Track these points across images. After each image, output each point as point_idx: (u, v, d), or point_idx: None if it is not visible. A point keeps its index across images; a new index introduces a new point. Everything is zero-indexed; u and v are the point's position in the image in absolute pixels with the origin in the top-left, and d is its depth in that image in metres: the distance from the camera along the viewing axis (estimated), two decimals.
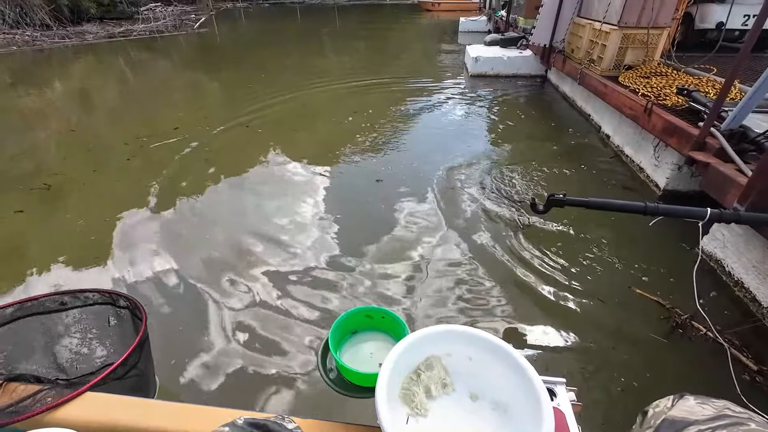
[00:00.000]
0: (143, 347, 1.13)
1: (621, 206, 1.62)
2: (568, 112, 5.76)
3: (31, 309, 1.20)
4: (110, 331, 1.31)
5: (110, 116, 6.05)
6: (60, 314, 1.25)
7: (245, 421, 0.78)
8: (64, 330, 1.26)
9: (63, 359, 1.25)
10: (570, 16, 6.00)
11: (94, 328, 1.30)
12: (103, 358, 1.30)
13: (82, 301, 1.27)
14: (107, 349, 1.31)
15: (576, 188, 3.67)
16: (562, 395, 0.96)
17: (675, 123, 3.12)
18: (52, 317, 1.24)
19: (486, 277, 2.54)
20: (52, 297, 1.22)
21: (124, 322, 1.30)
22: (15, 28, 13.43)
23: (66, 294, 1.23)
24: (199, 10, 23.09)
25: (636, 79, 4.42)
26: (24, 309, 1.19)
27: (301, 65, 9.29)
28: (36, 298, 1.20)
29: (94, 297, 1.27)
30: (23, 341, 1.21)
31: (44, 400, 0.94)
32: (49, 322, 1.23)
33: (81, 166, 4.17)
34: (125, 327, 1.30)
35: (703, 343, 2.06)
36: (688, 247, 2.73)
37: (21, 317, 1.20)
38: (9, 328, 1.17)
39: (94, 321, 1.30)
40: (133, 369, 1.10)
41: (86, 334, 1.29)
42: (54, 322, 1.24)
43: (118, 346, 1.30)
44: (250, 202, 3.48)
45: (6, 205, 3.42)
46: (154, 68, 9.59)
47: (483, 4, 17.91)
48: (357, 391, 0.99)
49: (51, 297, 1.22)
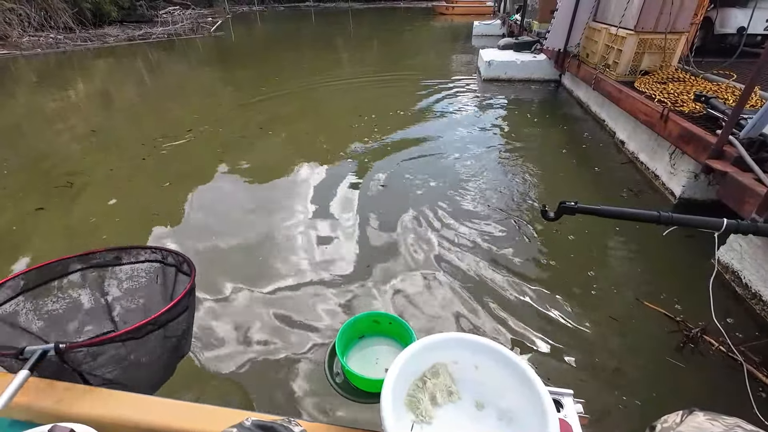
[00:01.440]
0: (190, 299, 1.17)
1: (634, 215, 1.59)
2: (582, 118, 5.69)
3: (91, 261, 1.26)
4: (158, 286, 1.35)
5: (129, 117, 6.20)
6: (114, 268, 1.30)
7: (253, 423, 0.79)
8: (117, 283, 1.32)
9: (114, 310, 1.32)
10: (585, 21, 5.94)
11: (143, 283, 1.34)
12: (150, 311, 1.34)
13: (134, 257, 1.31)
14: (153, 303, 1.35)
15: (588, 195, 3.63)
16: (569, 407, 0.96)
17: (692, 130, 3.06)
18: (107, 270, 1.30)
19: (491, 280, 2.52)
20: (109, 251, 1.27)
21: (170, 279, 1.33)
22: (40, 30, 13.87)
23: (121, 249, 1.28)
24: (215, 13, 23.52)
25: (652, 84, 4.35)
26: (84, 260, 1.25)
27: (315, 69, 9.38)
28: (95, 252, 1.25)
29: (145, 253, 1.31)
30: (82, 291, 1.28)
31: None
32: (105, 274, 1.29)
33: (100, 165, 4.28)
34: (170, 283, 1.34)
35: (716, 358, 2.01)
36: (704, 259, 2.67)
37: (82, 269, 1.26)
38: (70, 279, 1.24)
39: (144, 276, 1.34)
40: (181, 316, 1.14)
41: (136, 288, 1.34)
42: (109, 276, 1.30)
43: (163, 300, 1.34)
44: (261, 202, 3.52)
45: (30, 202, 3.53)
46: (171, 70, 9.80)
47: (497, 7, 17.85)
48: (363, 396, 1.00)
49: (108, 251, 1.27)
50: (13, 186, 3.90)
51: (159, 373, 1.22)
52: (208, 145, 4.84)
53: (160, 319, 1.04)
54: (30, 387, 1.01)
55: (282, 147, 4.77)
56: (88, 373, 1.07)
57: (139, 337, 1.02)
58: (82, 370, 1.05)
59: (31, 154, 4.67)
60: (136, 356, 1.07)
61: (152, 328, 1.03)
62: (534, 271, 2.63)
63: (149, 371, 1.16)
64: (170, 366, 1.24)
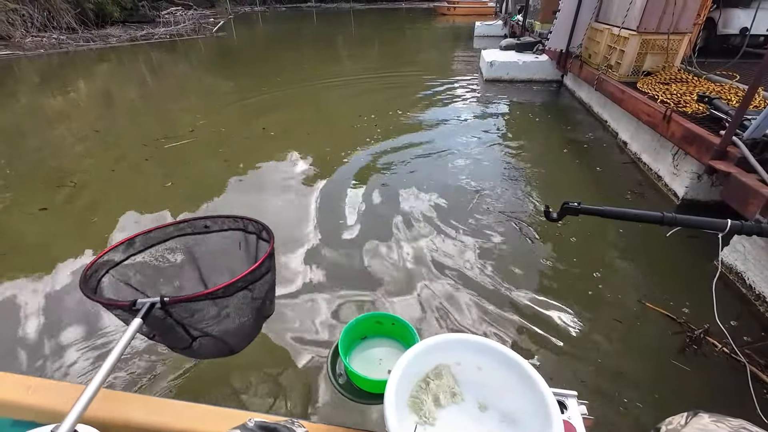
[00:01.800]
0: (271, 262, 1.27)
1: (637, 216, 1.59)
2: (584, 118, 5.68)
3: (185, 229, 1.40)
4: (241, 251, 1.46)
5: (131, 117, 6.22)
6: (203, 236, 1.43)
7: (256, 424, 0.79)
8: (206, 248, 1.45)
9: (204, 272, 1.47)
10: (587, 21, 5.93)
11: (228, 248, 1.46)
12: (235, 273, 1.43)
13: (219, 225, 1.43)
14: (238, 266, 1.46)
15: (591, 196, 3.62)
16: (573, 408, 0.95)
17: (695, 131, 3.05)
18: (197, 238, 1.43)
19: (491, 281, 2.52)
20: (198, 220, 1.41)
21: (252, 244, 1.44)
22: (42, 31, 13.92)
23: (209, 219, 1.41)
24: (217, 14, 23.57)
25: (655, 85, 4.34)
26: (180, 228, 1.39)
27: (316, 69, 9.39)
28: (188, 220, 1.39)
29: (229, 222, 1.43)
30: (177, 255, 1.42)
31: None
32: (196, 241, 1.43)
33: (102, 165, 4.29)
34: (252, 248, 1.45)
35: (720, 359, 2.00)
36: (706, 260, 2.66)
37: (177, 236, 1.40)
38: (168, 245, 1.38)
39: (228, 243, 1.46)
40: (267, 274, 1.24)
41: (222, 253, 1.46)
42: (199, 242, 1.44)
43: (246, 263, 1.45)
44: (261, 201, 3.52)
45: (32, 201, 3.55)
46: (173, 71, 9.82)
47: (499, 8, 17.84)
48: (366, 397, 1.00)
49: (197, 220, 1.41)
50: (16, 186, 3.92)
51: (247, 330, 1.33)
52: (210, 146, 4.85)
53: (246, 278, 1.13)
54: (32, 387, 1.01)
55: (283, 147, 4.78)
56: (190, 326, 1.17)
57: (228, 295, 1.12)
58: (184, 323, 1.15)
59: (34, 155, 4.69)
60: (227, 313, 1.18)
61: (241, 286, 1.13)
62: (536, 273, 2.62)
63: (239, 328, 1.26)
64: (257, 325, 1.34)
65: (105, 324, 2.25)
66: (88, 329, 2.22)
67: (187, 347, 1.28)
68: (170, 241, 1.38)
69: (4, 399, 0.98)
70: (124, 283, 1.28)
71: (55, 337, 2.18)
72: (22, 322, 2.29)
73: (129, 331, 0.97)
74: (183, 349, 1.32)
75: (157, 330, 1.17)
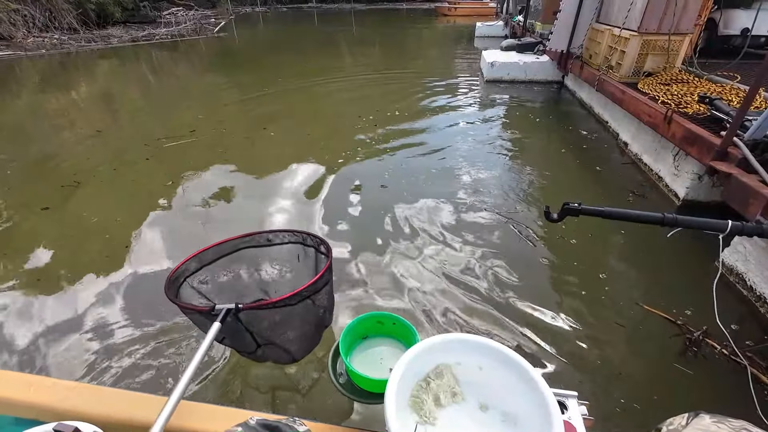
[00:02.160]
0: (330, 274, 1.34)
1: (638, 216, 1.59)
2: (585, 119, 5.68)
3: (250, 242, 1.50)
4: (300, 263, 1.56)
5: (133, 118, 6.23)
6: (265, 249, 1.53)
7: (257, 422, 0.79)
8: (269, 260, 1.56)
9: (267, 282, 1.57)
10: (588, 22, 5.94)
11: (288, 262, 1.57)
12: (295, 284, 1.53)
13: (281, 239, 1.53)
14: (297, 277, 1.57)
15: (592, 197, 3.62)
16: (574, 409, 0.95)
17: (696, 132, 3.05)
18: (261, 250, 1.53)
19: (490, 283, 2.52)
20: (261, 234, 1.51)
21: (311, 257, 1.54)
22: (44, 31, 13.95)
23: (271, 233, 1.51)
24: (219, 14, 23.60)
25: (656, 86, 4.34)
26: (246, 241, 1.50)
27: (317, 70, 9.40)
28: (252, 234, 1.50)
29: (288, 236, 1.53)
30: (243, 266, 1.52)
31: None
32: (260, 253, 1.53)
33: (105, 165, 4.30)
34: (311, 261, 1.54)
35: (720, 361, 2.00)
36: (708, 261, 2.66)
37: (243, 247, 1.50)
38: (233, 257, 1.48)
39: (288, 256, 1.56)
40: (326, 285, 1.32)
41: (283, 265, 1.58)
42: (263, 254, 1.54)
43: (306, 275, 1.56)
44: (261, 201, 3.53)
45: (36, 201, 3.56)
46: (174, 71, 9.83)
47: (500, 9, 17.85)
48: (366, 396, 1.00)
49: (260, 234, 1.51)
50: (19, 186, 3.92)
51: (308, 339, 1.40)
52: (211, 146, 4.86)
53: (309, 288, 1.20)
54: (34, 385, 1.01)
55: (284, 147, 4.78)
56: (257, 333, 1.25)
57: (293, 304, 1.20)
58: (252, 330, 1.23)
59: (37, 154, 4.70)
60: (291, 322, 1.26)
61: (304, 296, 1.21)
62: (535, 274, 2.62)
63: (301, 337, 1.34)
64: (317, 334, 1.41)
65: (89, 322, 2.25)
66: (86, 323, 2.22)
67: (252, 352, 1.38)
68: (237, 253, 1.49)
69: (6, 397, 0.98)
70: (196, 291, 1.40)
71: (56, 334, 2.18)
72: (13, 321, 2.29)
73: (210, 334, 1.05)
74: (249, 354, 1.41)
75: (228, 334, 1.25)
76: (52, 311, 2.36)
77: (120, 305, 2.39)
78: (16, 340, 2.17)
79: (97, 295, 2.48)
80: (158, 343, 2.10)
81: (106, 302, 2.41)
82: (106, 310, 2.36)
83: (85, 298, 2.44)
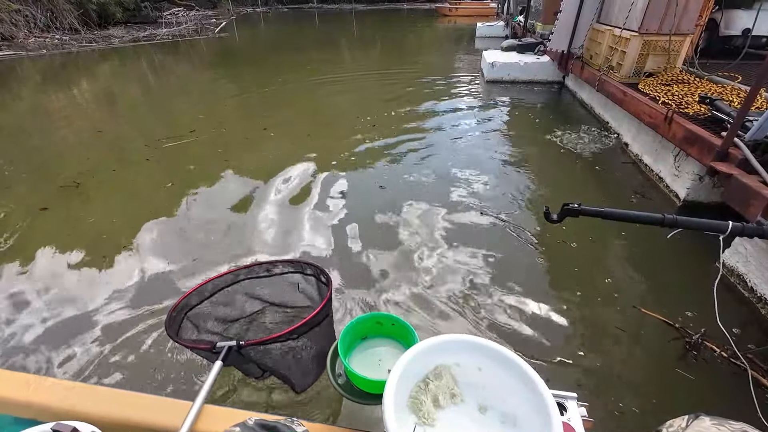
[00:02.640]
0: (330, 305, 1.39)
1: (637, 217, 1.59)
2: (585, 119, 5.68)
3: (249, 274, 1.55)
4: (299, 293, 1.63)
5: (133, 118, 6.23)
6: (266, 279, 1.58)
7: (255, 422, 0.79)
8: (269, 290, 1.62)
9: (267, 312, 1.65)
10: (589, 22, 5.93)
11: (288, 290, 1.62)
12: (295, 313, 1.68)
13: (281, 269, 1.58)
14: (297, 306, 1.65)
15: (592, 197, 3.61)
16: (573, 410, 0.95)
17: (696, 132, 3.05)
18: (261, 280, 1.59)
19: (487, 286, 2.52)
20: (260, 265, 1.56)
21: (310, 286, 1.60)
22: (45, 32, 13.97)
23: (270, 263, 1.56)
24: (220, 14, 23.63)
25: (657, 86, 4.33)
26: (246, 272, 1.54)
27: (318, 70, 9.40)
28: (252, 265, 1.55)
29: (288, 266, 1.58)
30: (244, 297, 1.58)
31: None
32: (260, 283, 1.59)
33: (104, 165, 4.30)
34: (311, 290, 1.61)
35: (720, 363, 1.99)
36: (708, 262, 2.65)
37: (243, 279, 1.55)
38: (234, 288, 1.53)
39: (289, 284, 1.61)
40: (326, 318, 1.38)
41: (283, 294, 1.64)
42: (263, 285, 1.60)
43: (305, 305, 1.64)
44: (259, 202, 3.52)
45: (35, 201, 3.56)
46: (175, 71, 9.84)
47: (500, 9, 17.84)
48: (365, 397, 1.00)
49: (260, 265, 1.56)
50: (18, 186, 3.93)
51: (312, 367, 1.44)
52: (211, 146, 4.86)
53: (309, 323, 1.25)
54: (33, 385, 1.01)
55: (283, 147, 4.78)
56: (261, 362, 1.29)
57: (294, 338, 1.26)
58: (257, 360, 1.28)
59: (37, 154, 4.70)
60: (294, 353, 1.31)
61: (304, 330, 1.26)
62: (534, 278, 2.61)
63: (304, 365, 1.38)
64: (320, 366, 1.44)
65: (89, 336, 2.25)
66: (85, 322, 2.22)
67: (259, 377, 1.44)
68: (236, 285, 1.54)
69: (5, 396, 0.98)
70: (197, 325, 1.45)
71: (56, 332, 2.18)
72: (20, 318, 2.29)
73: (212, 375, 1.09)
74: (256, 378, 1.47)
75: (233, 364, 1.32)
76: (49, 309, 2.36)
77: (115, 305, 2.39)
78: (15, 338, 2.17)
79: (92, 294, 2.48)
80: (154, 341, 2.10)
81: (102, 302, 2.41)
82: (100, 309, 2.35)
83: (83, 298, 2.45)
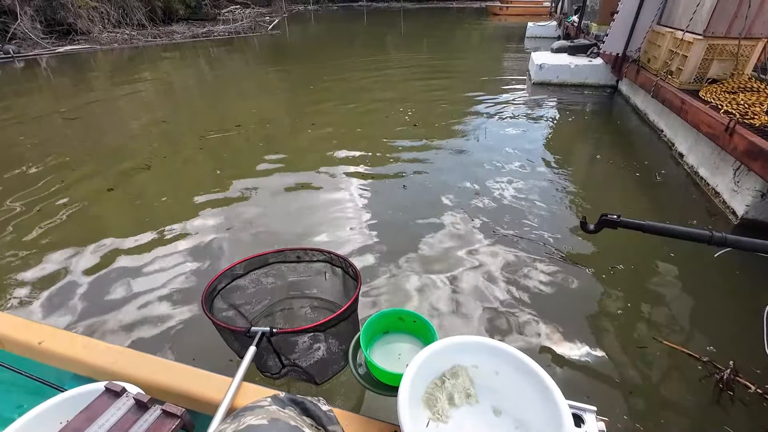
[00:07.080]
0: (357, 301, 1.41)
1: (682, 233, 1.49)
2: (638, 127, 5.37)
3: (279, 257, 1.61)
4: (327, 282, 1.68)
5: (191, 110, 6.67)
6: (295, 264, 1.64)
7: (286, 396, 0.86)
8: (297, 276, 1.67)
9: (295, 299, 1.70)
10: (648, 24, 5.59)
11: (316, 277, 1.67)
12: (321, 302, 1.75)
13: (309, 257, 1.63)
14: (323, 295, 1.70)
15: (635, 209, 3.43)
16: (591, 423, 0.94)
17: (761, 146, 2.81)
18: (289, 266, 1.64)
19: (513, 300, 2.47)
20: (292, 251, 1.62)
21: (337, 278, 1.64)
22: (117, 27, 15.14)
23: (301, 250, 1.62)
24: (273, 12, 24.47)
25: (720, 94, 4.02)
26: (276, 257, 1.60)
27: (366, 67, 9.54)
28: (283, 250, 1.61)
29: (317, 255, 1.62)
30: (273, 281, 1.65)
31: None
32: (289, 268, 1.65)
33: (167, 153, 4.65)
34: (337, 281, 1.65)
35: (757, 401, 1.81)
36: (756, 287, 2.42)
37: (274, 262, 1.61)
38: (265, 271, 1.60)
39: (316, 273, 1.66)
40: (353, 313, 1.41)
41: (310, 282, 1.69)
42: (292, 270, 1.66)
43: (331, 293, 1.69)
44: (300, 195, 3.66)
45: (102, 182, 3.93)
46: (230, 67, 10.34)
47: (554, 8, 17.17)
48: (383, 388, 1.03)
49: (291, 251, 1.62)
50: (89, 167, 4.33)
51: (334, 363, 1.46)
52: (259, 139, 5.10)
53: (340, 316, 1.27)
54: (90, 347, 1.14)
55: (325, 142, 4.91)
56: (283, 355, 1.33)
57: (322, 330, 1.27)
58: (280, 352, 1.32)
59: (107, 139, 5.16)
60: (317, 347, 1.34)
61: (333, 323, 1.27)
62: (570, 298, 2.50)
63: (327, 358, 1.40)
64: (342, 357, 1.45)
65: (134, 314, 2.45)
66: (148, 293, 2.43)
67: (276, 374, 1.44)
68: (266, 267, 1.58)
69: (67, 356, 1.11)
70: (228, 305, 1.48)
71: (122, 303, 2.41)
72: (79, 290, 2.55)
73: (246, 360, 1.11)
74: (272, 375, 1.46)
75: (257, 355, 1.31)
76: (124, 283, 2.60)
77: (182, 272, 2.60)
78: (85, 306, 2.41)
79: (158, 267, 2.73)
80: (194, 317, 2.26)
81: (168, 275, 2.63)
82: (166, 281, 2.57)
83: (152, 271, 2.68)
